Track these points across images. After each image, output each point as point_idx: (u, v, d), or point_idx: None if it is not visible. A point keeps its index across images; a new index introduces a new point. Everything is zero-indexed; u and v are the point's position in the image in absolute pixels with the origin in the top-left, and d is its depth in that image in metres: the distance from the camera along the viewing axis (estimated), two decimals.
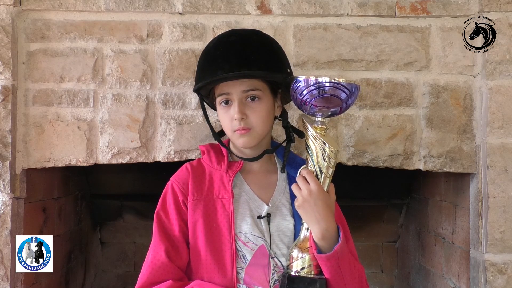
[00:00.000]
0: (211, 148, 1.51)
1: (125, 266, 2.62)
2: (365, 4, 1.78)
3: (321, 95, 1.28)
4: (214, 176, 1.44)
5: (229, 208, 1.38)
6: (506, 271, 1.72)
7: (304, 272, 1.32)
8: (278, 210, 1.43)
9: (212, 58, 1.41)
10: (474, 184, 1.81)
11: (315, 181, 1.31)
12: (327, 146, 1.30)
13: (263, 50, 1.41)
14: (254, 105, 1.39)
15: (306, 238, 1.34)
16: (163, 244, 1.37)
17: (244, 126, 1.37)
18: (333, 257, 1.28)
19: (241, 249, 1.37)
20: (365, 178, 2.34)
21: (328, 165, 1.32)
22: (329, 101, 1.30)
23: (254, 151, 1.45)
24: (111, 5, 1.74)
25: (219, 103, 1.42)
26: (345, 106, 1.32)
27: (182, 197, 1.41)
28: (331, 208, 1.32)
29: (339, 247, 1.28)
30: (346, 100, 1.30)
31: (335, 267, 1.28)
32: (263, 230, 1.40)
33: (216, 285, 1.33)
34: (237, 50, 1.38)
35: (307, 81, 1.28)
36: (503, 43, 1.75)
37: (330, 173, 1.33)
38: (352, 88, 1.29)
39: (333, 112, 1.34)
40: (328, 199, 1.32)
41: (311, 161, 1.33)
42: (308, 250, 1.32)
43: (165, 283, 1.33)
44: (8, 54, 1.69)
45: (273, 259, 1.39)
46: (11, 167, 1.69)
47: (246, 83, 1.38)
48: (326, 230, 1.29)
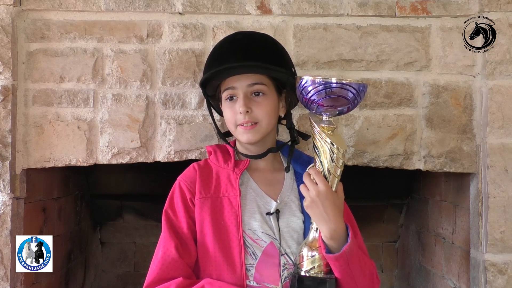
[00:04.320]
0: (218, 148, 1.51)
1: (125, 266, 2.62)
2: (365, 4, 1.78)
3: (328, 95, 1.27)
4: (221, 175, 1.44)
5: (236, 205, 1.39)
6: (506, 271, 1.72)
7: (314, 271, 1.31)
8: (287, 206, 1.43)
9: (219, 54, 1.45)
10: (474, 184, 1.81)
11: (323, 181, 1.30)
12: (334, 146, 1.29)
13: (268, 47, 1.45)
14: (259, 99, 1.40)
15: (315, 238, 1.33)
16: (173, 240, 1.36)
17: (249, 119, 1.38)
18: (342, 257, 1.27)
19: (251, 246, 1.37)
20: (365, 178, 2.33)
21: (336, 165, 1.30)
22: (336, 101, 1.29)
23: (258, 148, 1.45)
24: (111, 5, 1.74)
25: (224, 99, 1.43)
26: (353, 105, 1.31)
27: (190, 195, 1.41)
28: (340, 208, 1.32)
29: (347, 247, 1.27)
30: (354, 99, 1.29)
31: (344, 266, 1.28)
32: (272, 227, 1.39)
33: (226, 283, 1.33)
34: (243, 46, 1.42)
35: (314, 81, 1.27)
36: (503, 43, 1.75)
37: (338, 173, 1.31)
38: (360, 87, 1.28)
39: (340, 111, 1.33)
40: (336, 199, 1.31)
41: (319, 160, 1.31)
42: (317, 250, 1.32)
43: (175, 280, 1.32)
44: (8, 54, 1.69)
45: (283, 256, 1.38)
46: (11, 167, 1.69)
47: (251, 77, 1.39)
48: (335, 230, 1.29)
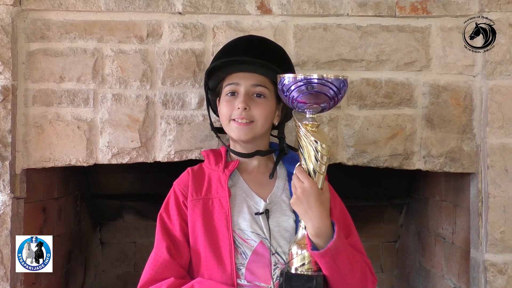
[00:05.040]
0: (211, 152, 1.53)
1: (125, 266, 2.62)
2: (365, 4, 1.78)
3: (310, 91, 1.27)
4: (213, 177, 1.46)
5: (226, 205, 1.40)
6: (506, 271, 1.72)
7: (304, 268, 1.32)
8: (278, 206, 1.44)
9: (230, 49, 1.48)
10: (474, 184, 1.81)
11: (307, 178, 1.30)
12: (318, 143, 1.29)
13: (280, 54, 1.50)
14: (259, 101, 1.43)
15: (304, 235, 1.34)
16: (165, 242, 1.39)
17: (244, 116, 1.40)
18: (327, 253, 1.27)
19: (241, 246, 1.39)
20: (365, 178, 2.33)
21: (321, 162, 1.30)
22: (317, 97, 1.29)
23: (249, 147, 1.47)
24: (111, 5, 1.74)
25: (225, 93, 1.45)
26: (335, 101, 1.31)
27: (183, 198, 1.44)
28: (325, 205, 1.32)
29: (333, 243, 1.27)
30: (334, 96, 1.28)
31: (330, 263, 1.28)
32: (262, 227, 1.40)
33: (216, 282, 1.34)
34: (257, 46, 1.47)
35: (295, 78, 1.28)
36: (503, 43, 1.75)
37: (323, 170, 1.32)
38: (340, 84, 1.27)
39: (323, 107, 1.32)
40: (321, 196, 1.31)
41: (303, 158, 1.32)
42: (306, 247, 1.32)
43: (167, 281, 1.34)
44: (8, 54, 1.69)
45: (274, 255, 1.39)
46: (11, 167, 1.69)
47: (256, 78, 1.43)
48: (319, 227, 1.29)
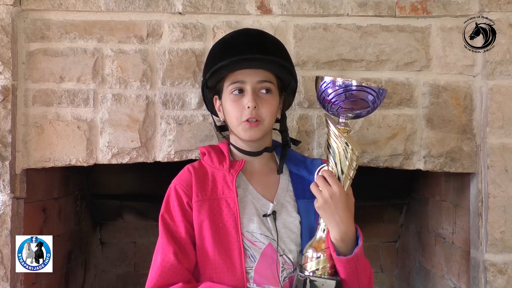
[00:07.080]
0: (211, 149, 1.49)
1: (125, 266, 2.61)
2: (365, 4, 1.78)
3: (348, 98, 1.26)
4: (217, 176, 1.43)
5: (234, 207, 1.37)
6: (506, 271, 1.72)
7: (319, 272, 1.30)
8: (283, 207, 1.43)
9: (232, 46, 1.40)
10: (474, 184, 1.81)
11: (337, 184, 1.28)
12: (349, 147, 1.27)
13: (280, 46, 1.45)
14: (266, 97, 1.39)
15: (322, 239, 1.32)
16: (171, 246, 1.34)
17: (254, 115, 1.36)
18: (353, 259, 1.28)
19: (249, 249, 1.36)
20: (365, 178, 2.33)
21: (350, 166, 1.28)
22: (355, 104, 1.27)
23: (255, 145, 1.45)
24: (111, 5, 1.74)
25: (230, 92, 1.40)
26: (372, 108, 1.29)
27: (187, 199, 1.39)
28: (351, 210, 1.31)
29: (359, 249, 1.28)
30: (373, 102, 1.27)
31: (353, 269, 1.28)
32: (270, 228, 1.39)
33: (226, 286, 1.31)
34: (259, 41, 1.41)
35: (334, 83, 1.26)
36: (503, 43, 1.75)
37: (352, 175, 1.30)
38: (380, 90, 1.26)
39: (357, 114, 1.31)
40: (348, 201, 1.30)
41: (333, 161, 1.29)
42: (324, 251, 1.31)
43: (176, 286, 1.31)
44: (8, 54, 1.69)
45: (282, 256, 1.38)
46: (11, 167, 1.69)
47: (262, 74, 1.38)
48: (345, 233, 1.29)
